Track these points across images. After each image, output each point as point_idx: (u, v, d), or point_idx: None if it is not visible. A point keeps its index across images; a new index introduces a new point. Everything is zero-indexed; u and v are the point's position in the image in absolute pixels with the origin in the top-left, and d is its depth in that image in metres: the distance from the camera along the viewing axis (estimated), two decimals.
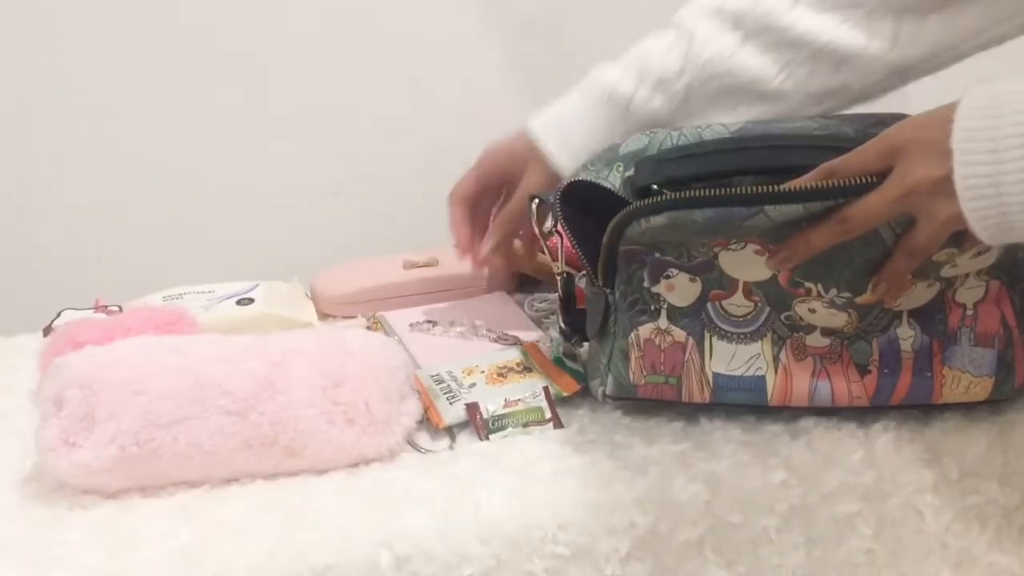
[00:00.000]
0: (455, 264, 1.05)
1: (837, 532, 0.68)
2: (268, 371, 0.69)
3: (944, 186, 0.58)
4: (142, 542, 0.62)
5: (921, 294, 0.68)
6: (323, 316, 1.00)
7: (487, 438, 0.73)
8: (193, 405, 0.67)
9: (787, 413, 0.72)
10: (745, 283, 0.69)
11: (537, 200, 0.78)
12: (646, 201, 0.66)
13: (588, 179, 0.72)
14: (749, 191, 0.64)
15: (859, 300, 0.67)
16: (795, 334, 0.69)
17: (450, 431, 0.74)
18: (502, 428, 0.74)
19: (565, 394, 0.78)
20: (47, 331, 0.91)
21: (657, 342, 0.71)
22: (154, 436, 0.66)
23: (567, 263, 0.80)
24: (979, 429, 0.71)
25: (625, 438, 0.72)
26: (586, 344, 0.81)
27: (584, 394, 0.79)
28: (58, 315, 0.93)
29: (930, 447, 0.70)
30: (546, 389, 0.77)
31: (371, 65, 1.16)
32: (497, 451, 0.71)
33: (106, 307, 0.94)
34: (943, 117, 0.59)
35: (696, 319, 0.70)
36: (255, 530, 0.62)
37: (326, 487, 0.68)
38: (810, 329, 0.69)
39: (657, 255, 0.70)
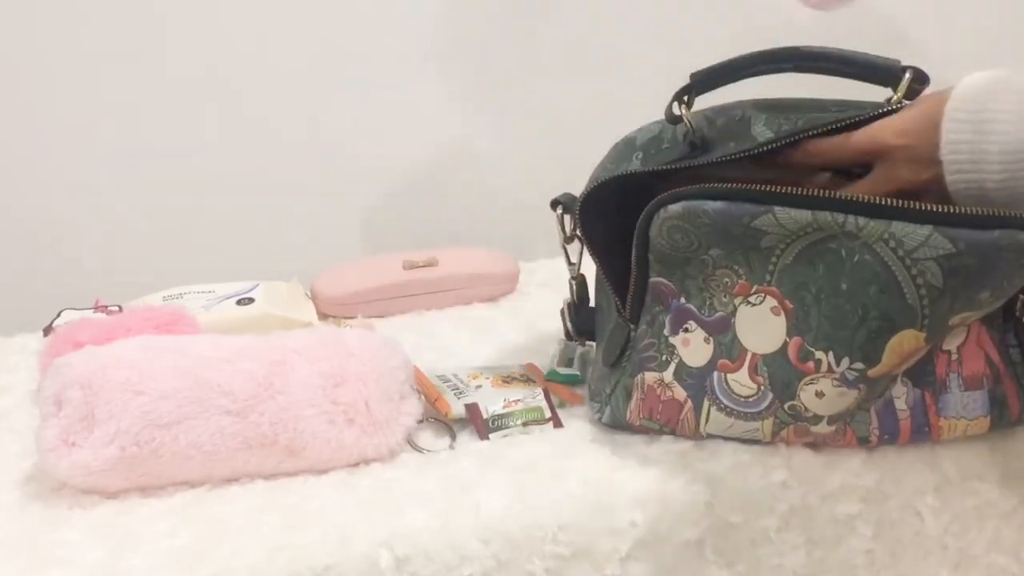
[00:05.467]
0: (455, 264, 1.05)
1: (836, 533, 0.68)
2: (268, 371, 0.69)
3: (933, 184, 0.62)
4: (142, 542, 0.62)
5: (921, 358, 0.67)
6: (323, 316, 1.00)
7: (487, 437, 0.73)
8: (193, 405, 0.67)
9: None
10: (753, 357, 0.67)
11: (561, 206, 0.77)
12: (667, 193, 0.66)
13: (608, 176, 0.71)
14: (761, 188, 0.64)
15: (872, 372, 0.64)
16: (798, 423, 0.67)
17: (451, 430, 0.74)
18: (502, 427, 0.74)
19: (569, 404, 0.78)
20: (47, 331, 0.91)
21: (658, 392, 0.70)
22: (154, 436, 0.66)
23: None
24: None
25: (625, 438, 0.72)
26: (588, 345, 0.81)
27: (584, 397, 0.79)
28: (58, 315, 0.93)
29: (930, 450, 0.70)
30: (546, 391, 0.77)
31: (371, 65, 1.16)
32: (497, 451, 0.71)
33: (106, 307, 0.94)
34: (927, 123, 0.61)
35: (700, 385, 0.68)
36: (255, 530, 0.62)
37: (326, 487, 0.68)
38: (816, 420, 0.67)
39: (682, 300, 0.69)
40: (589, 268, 0.79)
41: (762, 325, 0.66)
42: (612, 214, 0.72)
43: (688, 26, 1.23)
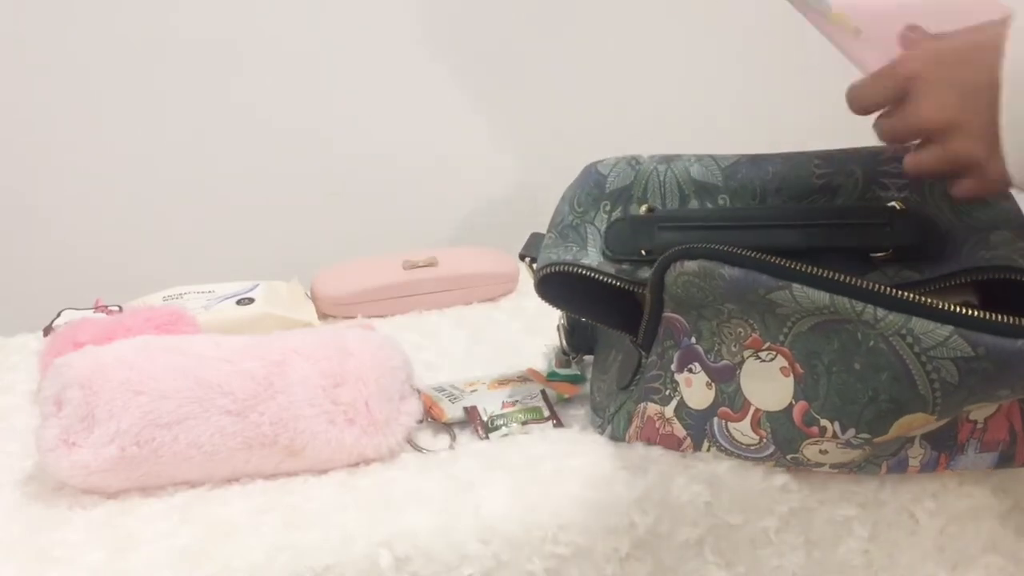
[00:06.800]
0: (455, 264, 1.05)
1: (835, 534, 0.68)
2: (268, 371, 0.69)
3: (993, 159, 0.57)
4: (142, 542, 0.62)
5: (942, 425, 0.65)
6: (323, 316, 1.00)
7: (487, 437, 0.73)
8: (193, 405, 0.67)
9: None
10: (756, 411, 0.64)
11: (529, 259, 0.75)
12: (685, 247, 0.65)
13: (566, 258, 0.69)
14: (783, 264, 0.61)
15: (877, 440, 0.62)
16: (801, 467, 0.66)
17: (450, 430, 0.74)
18: (501, 427, 0.74)
19: (566, 396, 0.78)
20: (47, 331, 0.91)
21: (658, 425, 0.69)
22: (154, 436, 0.66)
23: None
24: None
25: None
26: (585, 358, 0.81)
27: (584, 395, 0.79)
28: (58, 315, 0.93)
29: None
30: (543, 392, 0.77)
31: (372, 65, 1.16)
32: (497, 451, 0.71)
33: (106, 307, 0.94)
34: (982, 86, 0.56)
35: (701, 425, 0.67)
36: (255, 530, 0.62)
37: (326, 487, 0.68)
38: (820, 466, 0.65)
39: (692, 340, 0.67)
40: None
41: (769, 382, 0.64)
42: (575, 284, 0.70)
43: (688, 26, 1.23)
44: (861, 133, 0.67)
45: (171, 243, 1.14)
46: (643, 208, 0.69)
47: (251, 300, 0.95)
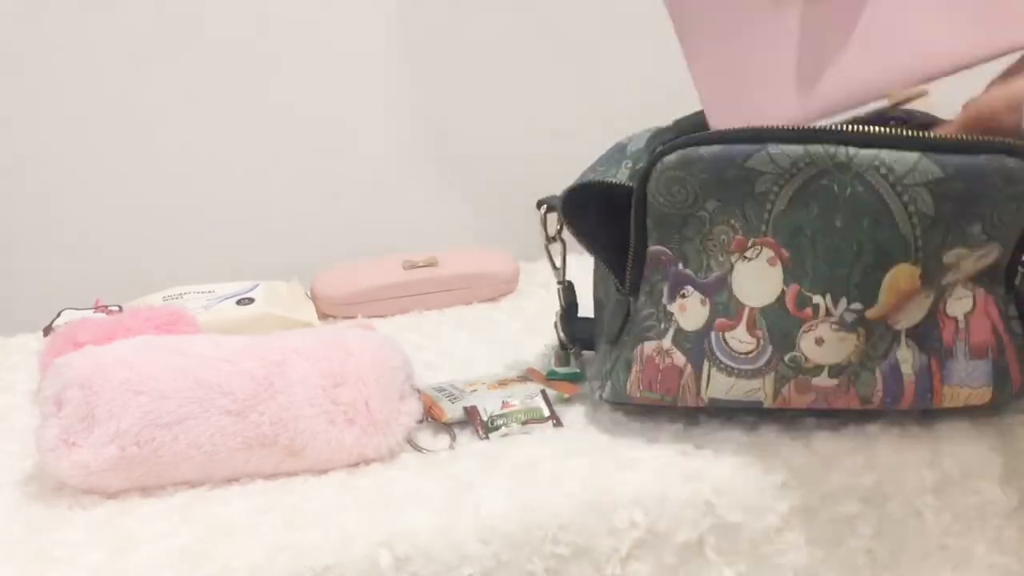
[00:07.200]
0: (455, 264, 1.05)
1: (837, 532, 0.68)
2: (268, 371, 0.69)
3: None
4: (142, 542, 0.62)
5: (920, 305, 0.67)
6: (323, 316, 1.00)
7: (487, 437, 0.73)
8: (193, 405, 0.67)
9: (787, 414, 0.72)
10: (751, 312, 0.67)
11: (545, 206, 0.77)
12: (663, 145, 0.67)
13: (595, 179, 0.72)
14: (755, 128, 0.64)
15: (869, 313, 0.65)
16: (799, 376, 0.67)
17: (450, 430, 0.74)
18: (501, 427, 0.74)
19: (566, 396, 0.78)
20: (47, 331, 0.91)
21: (657, 362, 0.70)
22: (154, 436, 0.66)
23: None
24: (979, 430, 0.71)
25: (625, 438, 0.72)
26: (585, 353, 0.81)
27: (584, 395, 0.79)
28: (58, 315, 0.93)
29: (930, 448, 0.70)
30: (543, 392, 0.77)
31: (372, 65, 1.16)
32: (497, 451, 0.71)
33: (106, 307, 0.94)
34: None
35: (699, 346, 0.69)
36: (255, 530, 0.62)
37: (326, 487, 0.68)
38: (817, 371, 0.67)
39: (680, 266, 0.69)
40: (574, 275, 0.80)
41: (759, 278, 0.67)
42: (594, 212, 0.73)
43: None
44: None
45: (171, 243, 1.14)
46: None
47: (251, 300, 0.95)
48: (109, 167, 1.11)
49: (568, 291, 0.82)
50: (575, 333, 0.82)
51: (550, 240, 0.78)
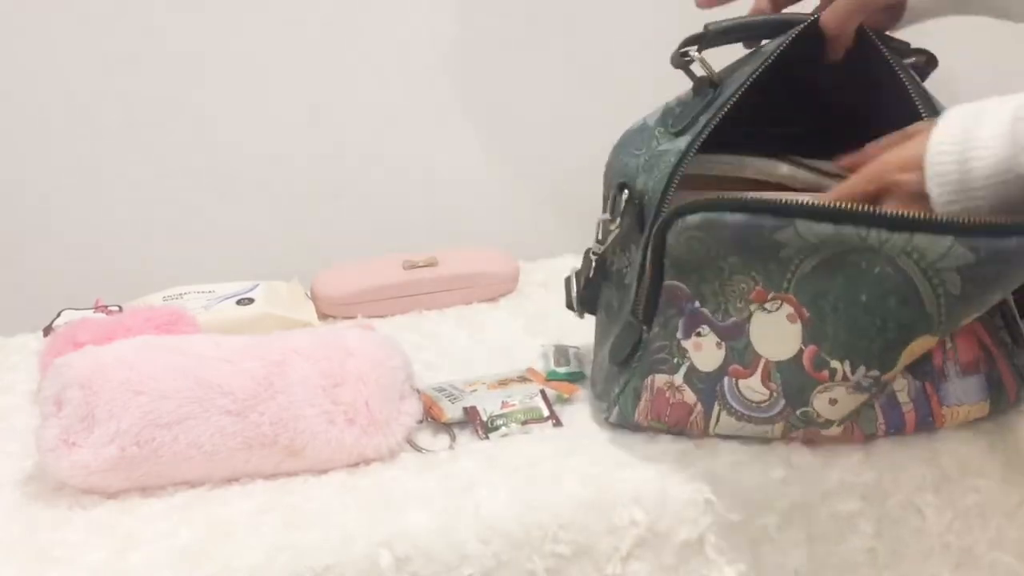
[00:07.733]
0: (455, 264, 1.05)
1: (838, 530, 0.68)
2: (268, 371, 0.69)
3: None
4: (142, 542, 0.62)
5: None
6: (323, 316, 1.00)
7: (487, 437, 0.73)
8: (193, 405, 0.67)
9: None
10: (767, 364, 0.66)
11: (627, 191, 0.73)
12: (683, 204, 0.65)
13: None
14: (782, 201, 0.63)
15: (886, 377, 0.64)
16: (810, 427, 0.67)
17: (450, 430, 0.74)
18: (501, 427, 0.74)
19: (566, 396, 0.78)
20: (47, 331, 0.91)
21: (668, 396, 0.69)
22: (154, 436, 0.66)
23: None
24: (979, 428, 0.71)
25: (625, 437, 0.72)
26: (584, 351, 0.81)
27: (584, 395, 0.79)
28: (58, 315, 0.93)
29: (930, 446, 0.70)
30: (543, 392, 0.77)
31: (372, 65, 1.16)
32: (497, 451, 0.71)
33: (106, 307, 0.94)
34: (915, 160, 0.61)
35: (711, 388, 0.68)
36: (255, 530, 0.62)
37: (326, 487, 0.68)
38: (827, 425, 0.67)
39: (696, 304, 0.68)
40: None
41: (777, 332, 0.65)
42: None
43: (687, 28, 1.22)
44: None
45: (171, 243, 1.14)
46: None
47: (251, 300, 0.95)
48: (109, 167, 1.10)
49: (600, 262, 0.78)
50: (588, 297, 0.80)
51: (611, 221, 0.74)
